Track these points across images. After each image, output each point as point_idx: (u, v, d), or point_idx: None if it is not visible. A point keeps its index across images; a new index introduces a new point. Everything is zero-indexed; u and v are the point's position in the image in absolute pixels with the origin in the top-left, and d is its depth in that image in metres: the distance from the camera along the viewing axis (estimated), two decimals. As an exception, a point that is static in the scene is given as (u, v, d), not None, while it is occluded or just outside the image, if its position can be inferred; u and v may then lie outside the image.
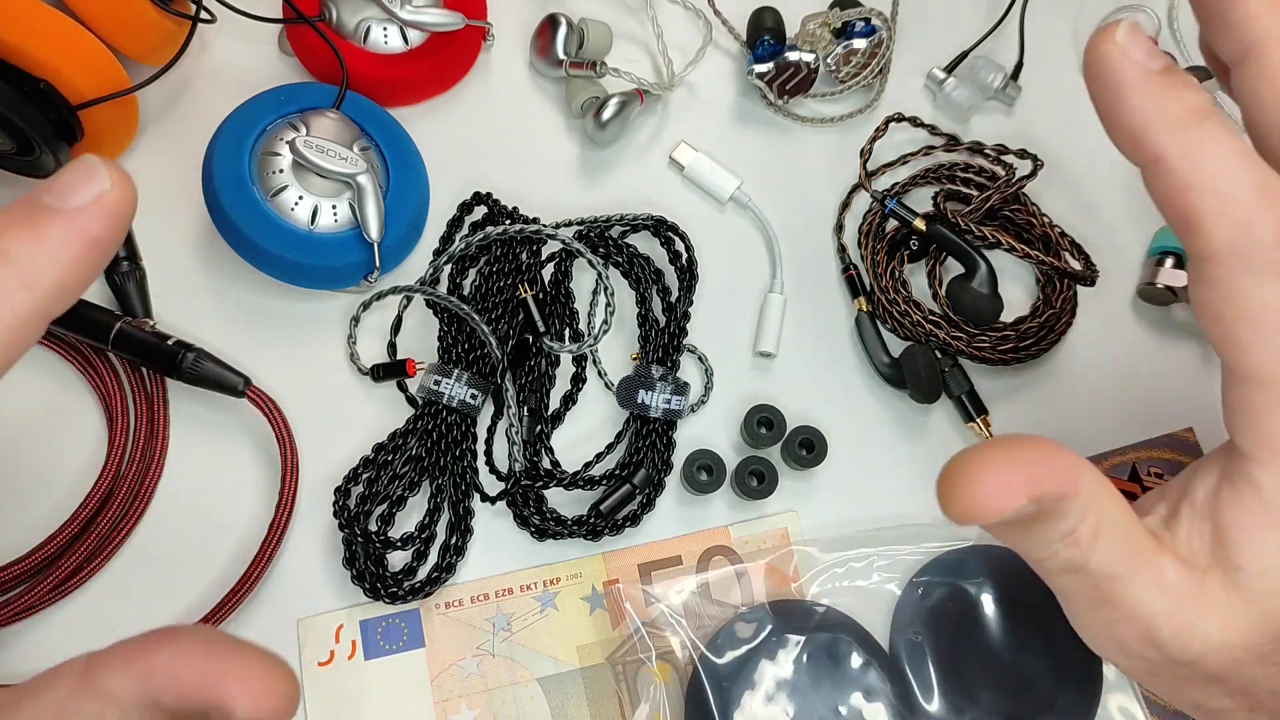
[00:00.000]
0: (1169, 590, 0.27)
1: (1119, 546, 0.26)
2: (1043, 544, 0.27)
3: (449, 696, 0.40)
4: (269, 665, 0.24)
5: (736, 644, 0.40)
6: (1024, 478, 0.25)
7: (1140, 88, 0.25)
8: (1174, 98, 0.25)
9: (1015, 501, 0.25)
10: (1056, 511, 0.26)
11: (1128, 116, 0.25)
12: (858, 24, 0.47)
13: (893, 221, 0.46)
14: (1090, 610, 0.28)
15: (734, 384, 0.45)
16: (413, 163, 0.44)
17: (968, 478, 0.25)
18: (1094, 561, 0.26)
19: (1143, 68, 0.25)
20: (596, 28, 0.46)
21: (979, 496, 0.25)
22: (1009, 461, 0.25)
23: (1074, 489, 0.25)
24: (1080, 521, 0.26)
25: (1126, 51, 0.25)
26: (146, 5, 0.41)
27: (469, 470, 0.42)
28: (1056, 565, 0.27)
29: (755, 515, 0.43)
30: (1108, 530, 0.26)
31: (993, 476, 0.25)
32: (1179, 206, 0.25)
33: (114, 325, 0.41)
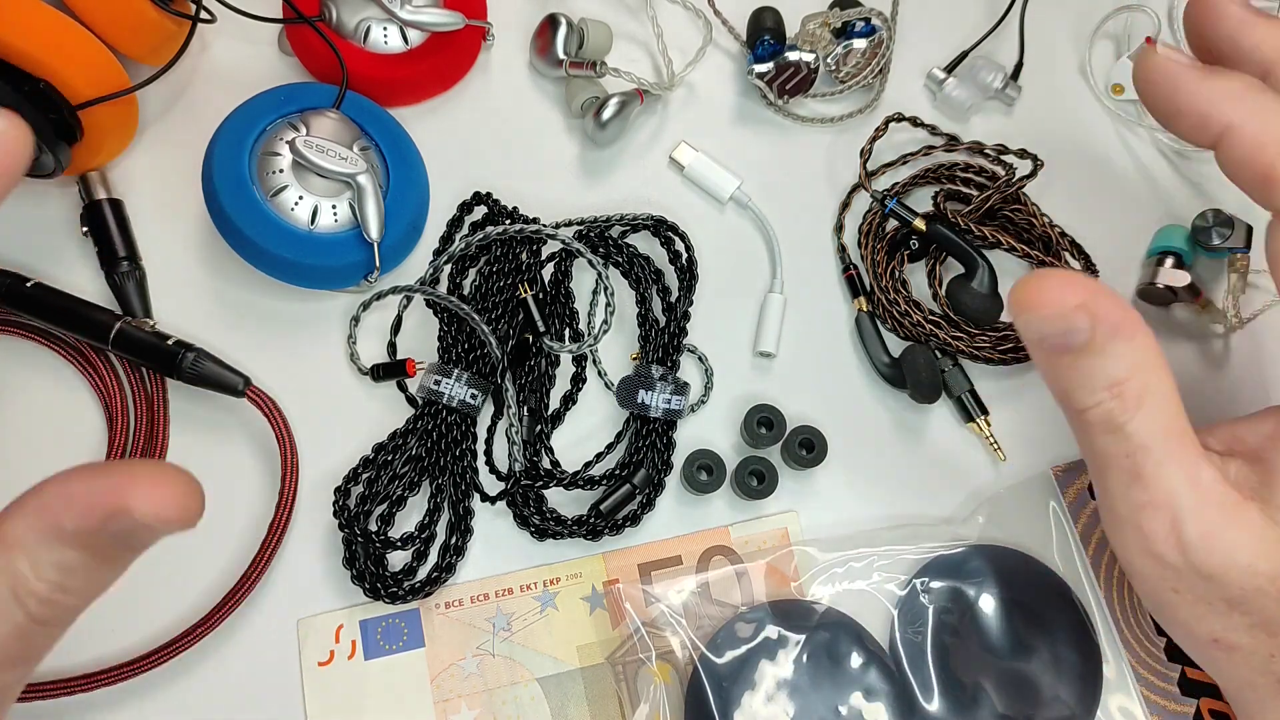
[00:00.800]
0: (1201, 488, 0.27)
1: (1162, 421, 0.27)
2: (1090, 385, 0.27)
3: (449, 696, 0.40)
4: (163, 466, 0.23)
5: (736, 644, 0.40)
6: (1084, 289, 0.27)
7: (1197, 75, 0.28)
8: (1229, 76, 0.27)
9: (1070, 298, 0.26)
10: (1109, 349, 0.27)
11: (1192, 100, 0.28)
12: (858, 24, 0.47)
13: (893, 221, 0.46)
14: (1123, 488, 0.28)
15: (734, 384, 0.45)
16: (413, 163, 0.44)
17: (1039, 275, 0.27)
18: (1134, 424, 0.27)
19: (1192, 62, 0.28)
20: (596, 28, 0.46)
21: (1042, 287, 0.27)
22: (1077, 276, 0.27)
23: (1129, 331, 0.27)
24: (1131, 373, 0.27)
25: (1171, 55, 0.28)
26: (146, 5, 0.41)
27: (469, 470, 0.42)
28: (1098, 417, 0.28)
29: (755, 515, 0.43)
30: (1154, 399, 0.27)
31: (1059, 277, 0.27)
32: (1258, 165, 0.27)
33: (114, 325, 0.41)
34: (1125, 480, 0.28)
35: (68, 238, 0.44)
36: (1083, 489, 0.43)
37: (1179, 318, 0.47)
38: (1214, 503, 0.27)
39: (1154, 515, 0.28)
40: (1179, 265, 0.46)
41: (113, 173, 0.45)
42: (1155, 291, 0.46)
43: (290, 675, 0.40)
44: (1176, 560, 0.28)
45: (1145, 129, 0.50)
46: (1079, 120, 0.50)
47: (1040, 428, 0.45)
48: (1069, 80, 0.50)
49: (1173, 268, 0.45)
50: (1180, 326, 0.47)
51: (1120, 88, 0.49)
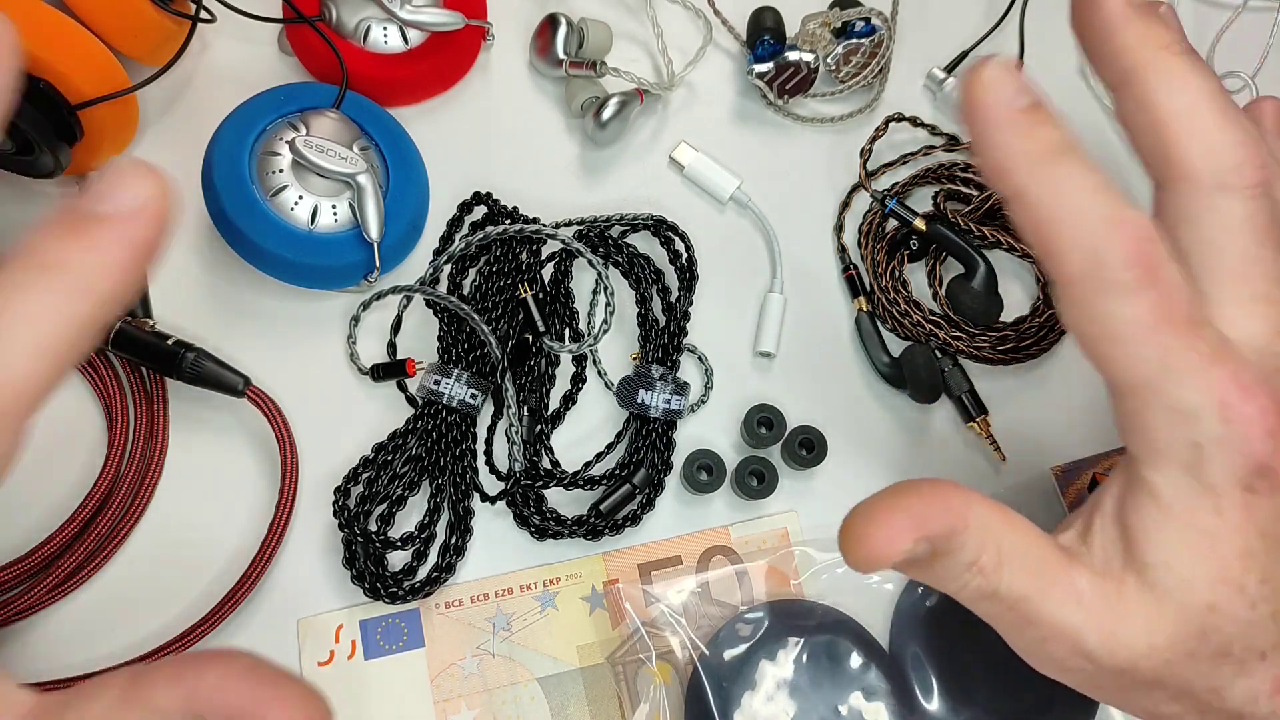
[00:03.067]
0: (1084, 601, 0.28)
1: (1024, 568, 0.28)
2: (950, 577, 0.28)
3: (449, 696, 0.40)
4: (308, 698, 0.25)
5: (736, 644, 0.40)
6: (909, 523, 0.27)
7: (1004, 125, 0.26)
8: (1034, 135, 0.26)
9: (902, 545, 0.27)
10: (952, 547, 0.28)
11: (992, 153, 0.27)
12: (858, 24, 0.47)
13: (893, 221, 0.46)
14: (1018, 632, 0.29)
15: (734, 384, 0.45)
16: (413, 162, 0.44)
17: (858, 531, 0.28)
18: (1003, 586, 0.28)
19: (1008, 106, 0.26)
20: (596, 28, 0.46)
21: (870, 547, 0.27)
22: (894, 510, 0.27)
23: (962, 523, 0.27)
24: (980, 552, 0.28)
25: (992, 88, 0.26)
26: (146, 5, 0.41)
27: (469, 470, 0.42)
28: (970, 595, 0.29)
29: (755, 515, 0.43)
30: (1009, 555, 0.28)
31: (880, 527, 0.27)
32: (1038, 238, 0.27)
33: (113, 325, 0.41)
34: (1018, 628, 0.29)
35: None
36: (1083, 489, 0.43)
37: (1179, 318, 0.47)
38: (1100, 606, 0.28)
39: (1055, 644, 0.29)
40: (1179, 265, 0.45)
41: (113, 173, 0.45)
42: (1155, 291, 0.46)
43: (290, 675, 0.40)
44: (1088, 669, 0.29)
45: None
46: (1079, 120, 0.50)
47: (1040, 428, 0.45)
48: (1069, 80, 0.50)
49: (1173, 268, 0.45)
50: (1180, 326, 0.47)
51: (1120, 88, 0.49)
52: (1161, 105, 0.28)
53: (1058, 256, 0.27)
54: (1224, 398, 0.26)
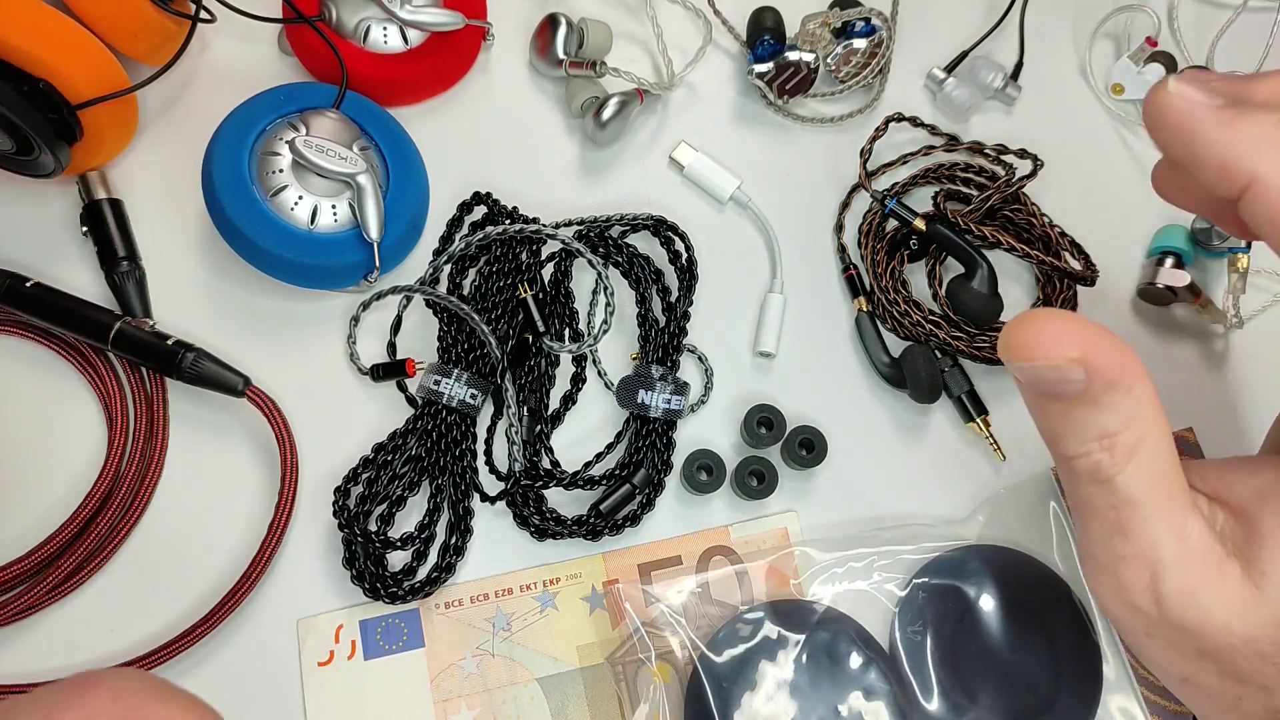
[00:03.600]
0: (1187, 543, 0.26)
1: (1153, 474, 0.26)
2: (1080, 436, 0.26)
3: (449, 696, 0.40)
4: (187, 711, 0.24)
5: (736, 644, 0.40)
6: (1083, 339, 0.25)
7: (1214, 122, 0.25)
8: (1250, 121, 0.25)
9: (1066, 349, 0.25)
10: (1103, 400, 0.25)
11: (1210, 151, 0.25)
12: (858, 24, 0.47)
13: (893, 221, 0.46)
14: (1103, 536, 0.27)
15: (734, 384, 0.45)
16: (413, 162, 0.44)
17: (1033, 319, 0.25)
18: (1123, 477, 0.26)
19: (1208, 105, 0.25)
20: (596, 28, 0.46)
21: (1037, 335, 0.25)
22: (1079, 324, 0.25)
23: (1127, 384, 0.25)
24: (1125, 426, 0.26)
25: (1185, 96, 0.25)
26: (146, 5, 0.41)
27: (469, 470, 0.42)
28: (1086, 467, 0.27)
29: (755, 515, 0.43)
30: (1147, 452, 0.26)
31: (1057, 324, 0.25)
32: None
33: (113, 325, 0.41)
34: (1107, 531, 0.27)
35: (67, 238, 0.44)
36: (1083, 489, 0.43)
37: (1179, 318, 0.47)
38: (1197, 560, 0.27)
39: (1133, 567, 0.27)
40: (1179, 265, 0.46)
41: (112, 173, 0.45)
42: (1155, 291, 0.46)
43: (290, 675, 0.40)
44: (1152, 612, 0.27)
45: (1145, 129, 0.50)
46: (1079, 120, 0.50)
47: (1040, 428, 0.45)
48: (1069, 80, 0.50)
49: (1173, 268, 0.45)
50: (1180, 326, 0.47)
51: (1120, 88, 0.49)
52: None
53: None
54: None
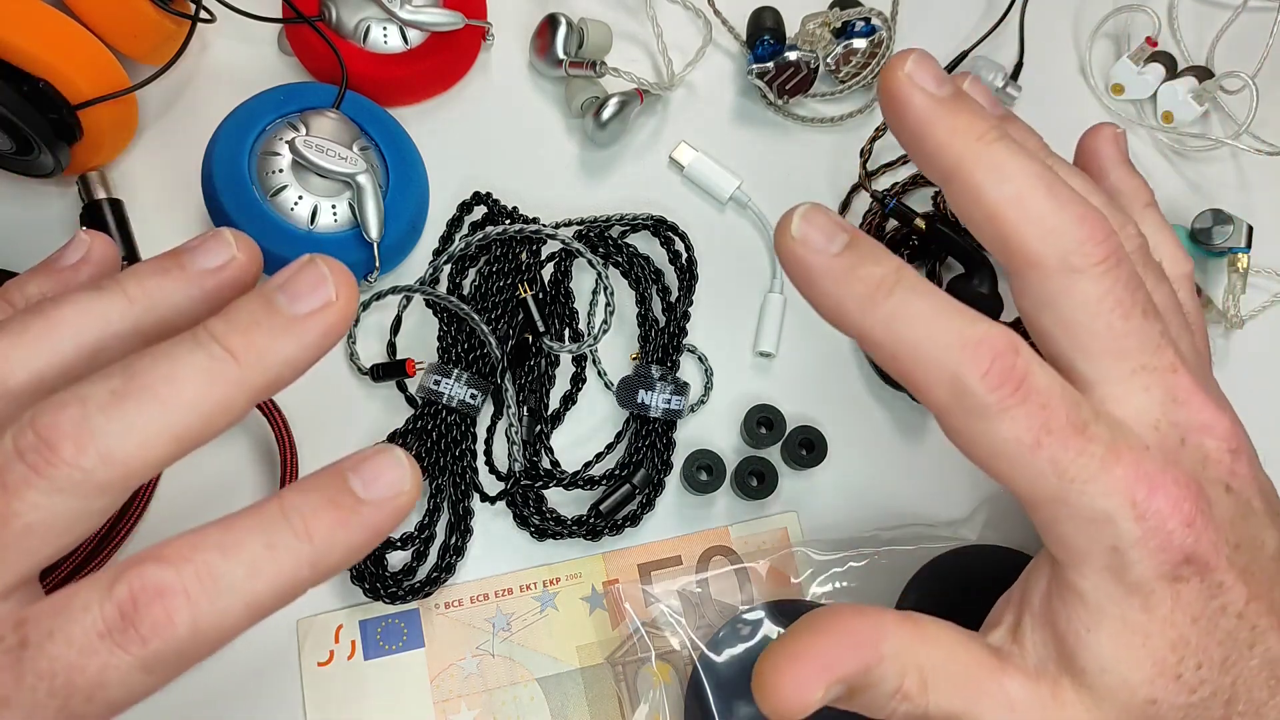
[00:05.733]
0: (1018, 708, 0.27)
1: (951, 685, 0.27)
2: (876, 708, 0.27)
3: (449, 696, 0.40)
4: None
5: (736, 644, 0.40)
6: (817, 669, 0.26)
7: (828, 274, 0.26)
8: (857, 279, 0.26)
9: (813, 694, 0.26)
10: (871, 680, 0.27)
11: (823, 303, 0.26)
12: (858, 24, 0.47)
13: (893, 221, 0.46)
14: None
15: (734, 384, 0.45)
16: (412, 162, 0.44)
17: (769, 682, 0.26)
18: (931, 707, 0.27)
19: (821, 253, 0.26)
20: (596, 27, 0.46)
21: (781, 698, 0.26)
22: (800, 657, 0.26)
23: (875, 657, 0.26)
24: (901, 678, 0.27)
25: (803, 242, 0.26)
26: (146, 5, 0.41)
27: (469, 470, 0.42)
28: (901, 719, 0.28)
29: (755, 515, 0.43)
30: (934, 674, 0.27)
31: (788, 677, 0.26)
32: (898, 374, 0.26)
33: (113, 325, 0.41)
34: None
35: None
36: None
37: (1179, 318, 0.47)
38: (1035, 712, 0.27)
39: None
40: (1179, 265, 0.45)
41: (112, 173, 0.45)
42: (1155, 291, 0.46)
43: (290, 675, 0.40)
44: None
45: (1145, 129, 0.50)
46: (1079, 120, 0.50)
47: (1040, 428, 0.45)
48: (1069, 80, 0.50)
49: (1173, 268, 0.45)
50: (1180, 326, 0.47)
51: (1120, 88, 0.49)
52: (989, 197, 0.27)
53: (921, 390, 0.26)
54: (1132, 496, 0.25)
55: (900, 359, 0.26)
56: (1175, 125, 0.49)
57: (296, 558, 0.24)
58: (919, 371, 0.25)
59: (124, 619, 0.22)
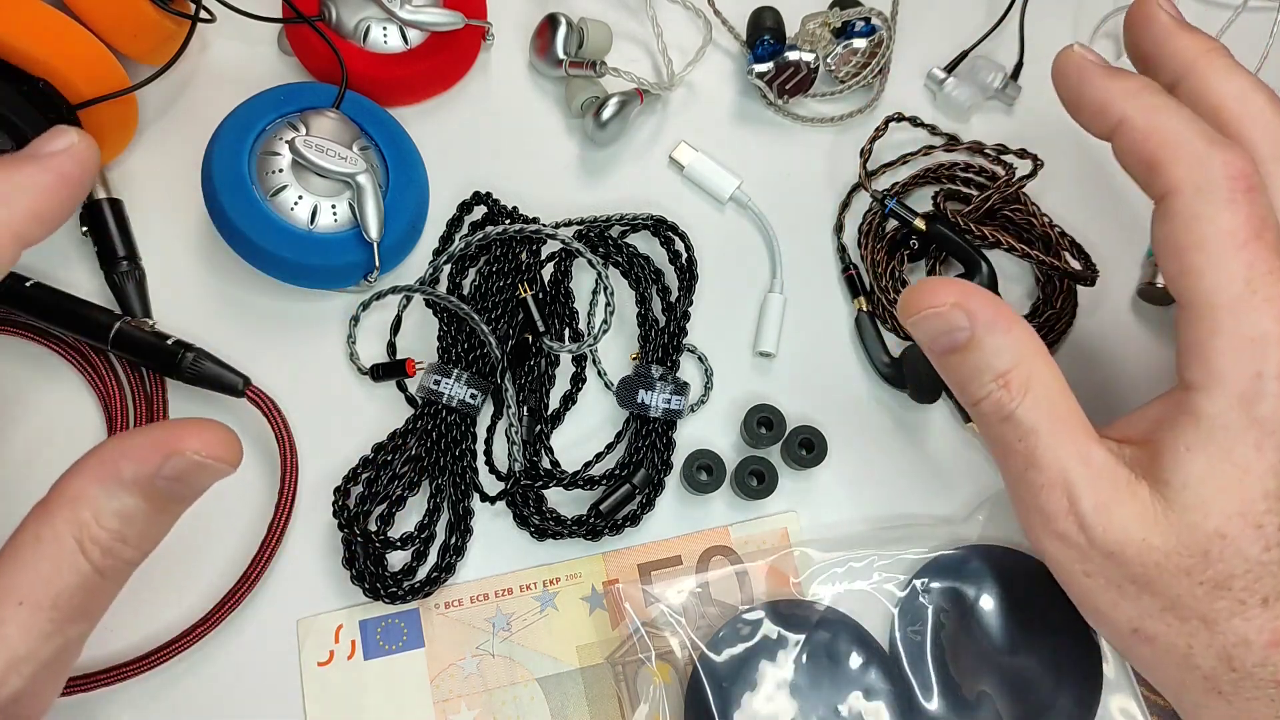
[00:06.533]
0: (1093, 466, 0.29)
1: (1047, 405, 0.30)
2: (978, 379, 0.30)
3: (449, 696, 0.40)
4: (206, 420, 0.28)
5: (736, 644, 0.40)
6: (958, 290, 0.30)
7: (1101, 74, 0.31)
8: (1128, 77, 0.31)
9: (945, 298, 0.29)
10: (989, 343, 0.29)
11: (1093, 95, 0.31)
12: (858, 24, 0.47)
13: (893, 221, 0.46)
14: (1020, 471, 0.30)
15: (734, 384, 0.45)
16: (412, 162, 0.44)
17: (916, 285, 0.30)
18: (1021, 409, 0.29)
19: (1098, 64, 0.31)
20: (596, 27, 0.46)
21: (920, 294, 0.30)
22: (952, 281, 0.30)
23: (1006, 325, 0.29)
24: (1014, 364, 0.29)
25: (1084, 55, 0.32)
26: (146, 5, 0.41)
27: (469, 470, 0.42)
28: (990, 407, 0.30)
29: (755, 515, 0.43)
30: (1038, 386, 0.29)
31: (933, 283, 0.30)
32: (1142, 153, 0.30)
33: (113, 325, 0.41)
34: (1021, 465, 0.30)
35: (67, 237, 0.44)
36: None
37: (1179, 318, 0.47)
38: (1105, 479, 0.29)
39: (1050, 494, 0.29)
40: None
41: (112, 172, 0.45)
42: (1155, 291, 0.46)
43: (290, 675, 0.40)
44: (1078, 536, 0.29)
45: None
46: (1079, 120, 0.50)
47: (1040, 428, 0.45)
48: (1069, 80, 0.50)
49: (1173, 268, 0.45)
50: (1180, 326, 0.47)
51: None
52: (1216, 91, 0.31)
53: (1164, 167, 0.29)
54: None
55: (1152, 139, 0.29)
56: (1175, 125, 0.49)
57: None
58: (1167, 150, 0.29)
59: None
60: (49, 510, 0.26)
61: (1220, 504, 0.28)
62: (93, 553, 0.26)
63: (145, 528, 0.28)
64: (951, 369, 0.31)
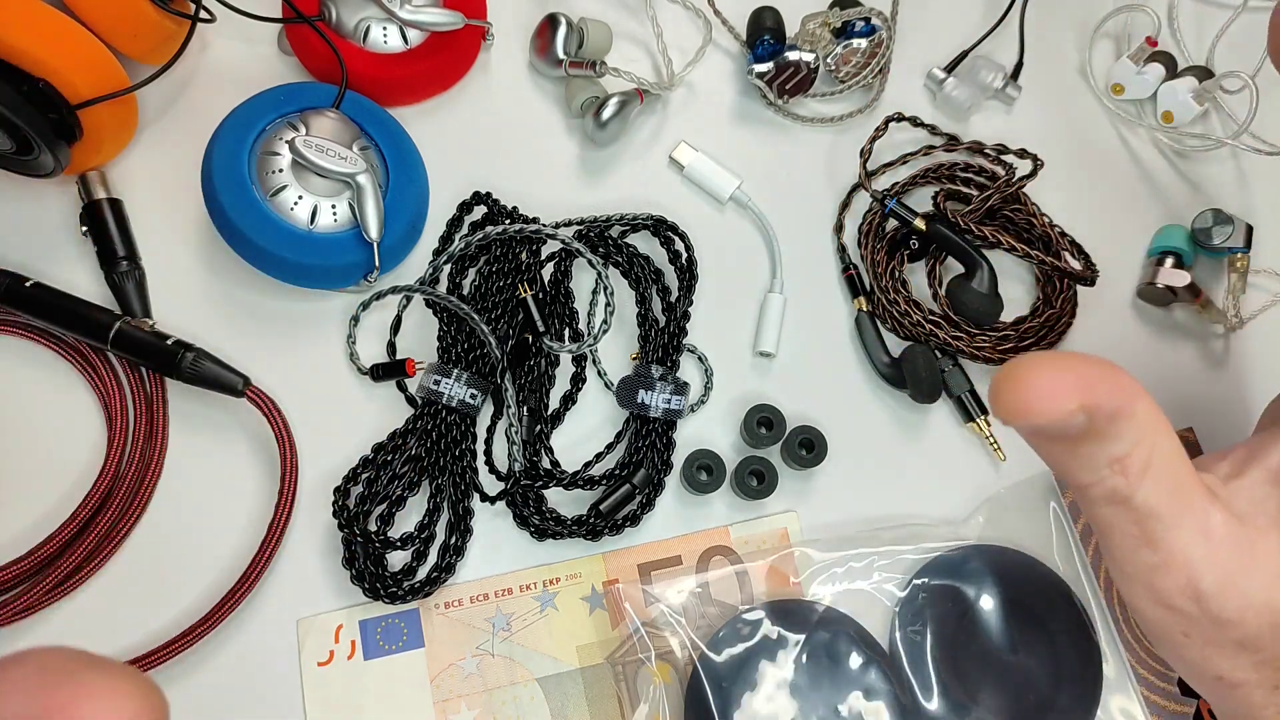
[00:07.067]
0: (1214, 538, 0.26)
1: (1168, 484, 0.26)
2: (1091, 466, 0.26)
3: (449, 696, 0.40)
4: (122, 678, 0.19)
5: (736, 644, 0.40)
6: (1078, 384, 0.24)
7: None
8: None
9: (1065, 404, 0.24)
10: (1109, 431, 0.25)
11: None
12: (858, 24, 0.47)
13: (893, 221, 0.46)
14: (1131, 551, 0.27)
15: (734, 384, 0.45)
16: (412, 162, 0.44)
17: (1023, 376, 0.24)
18: (1140, 495, 0.26)
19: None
20: (596, 27, 0.46)
21: (1031, 395, 0.24)
22: (1066, 367, 0.24)
23: (1129, 410, 0.25)
24: (1132, 448, 0.25)
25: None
26: (146, 5, 0.41)
27: (469, 470, 0.42)
28: (1101, 493, 0.26)
29: (755, 515, 0.43)
30: (1159, 465, 0.26)
31: (1047, 377, 0.24)
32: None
33: (113, 325, 0.41)
34: (1133, 545, 0.27)
35: (67, 237, 0.44)
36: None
37: (1179, 318, 0.47)
38: (1228, 549, 0.26)
39: (1168, 574, 0.27)
40: (1179, 265, 0.45)
41: (112, 172, 0.45)
42: (1155, 291, 0.46)
43: (290, 675, 0.40)
44: (1192, 610, 0.27)
45: (1145, 129, 0.50)
46: (1079, 120, 0.50)
47: (1040, 428, 0.45)
48: (1069, 80, 0.50)
49: (1173, 268, 0.45)
50: (1180, 326, 0.47)
51: (1120, 88, 0.49)
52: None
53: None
54: None
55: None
56: (1175, 125, 0.49)
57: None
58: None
59: None
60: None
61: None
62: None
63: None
64: (1057, 455, 0.26)
